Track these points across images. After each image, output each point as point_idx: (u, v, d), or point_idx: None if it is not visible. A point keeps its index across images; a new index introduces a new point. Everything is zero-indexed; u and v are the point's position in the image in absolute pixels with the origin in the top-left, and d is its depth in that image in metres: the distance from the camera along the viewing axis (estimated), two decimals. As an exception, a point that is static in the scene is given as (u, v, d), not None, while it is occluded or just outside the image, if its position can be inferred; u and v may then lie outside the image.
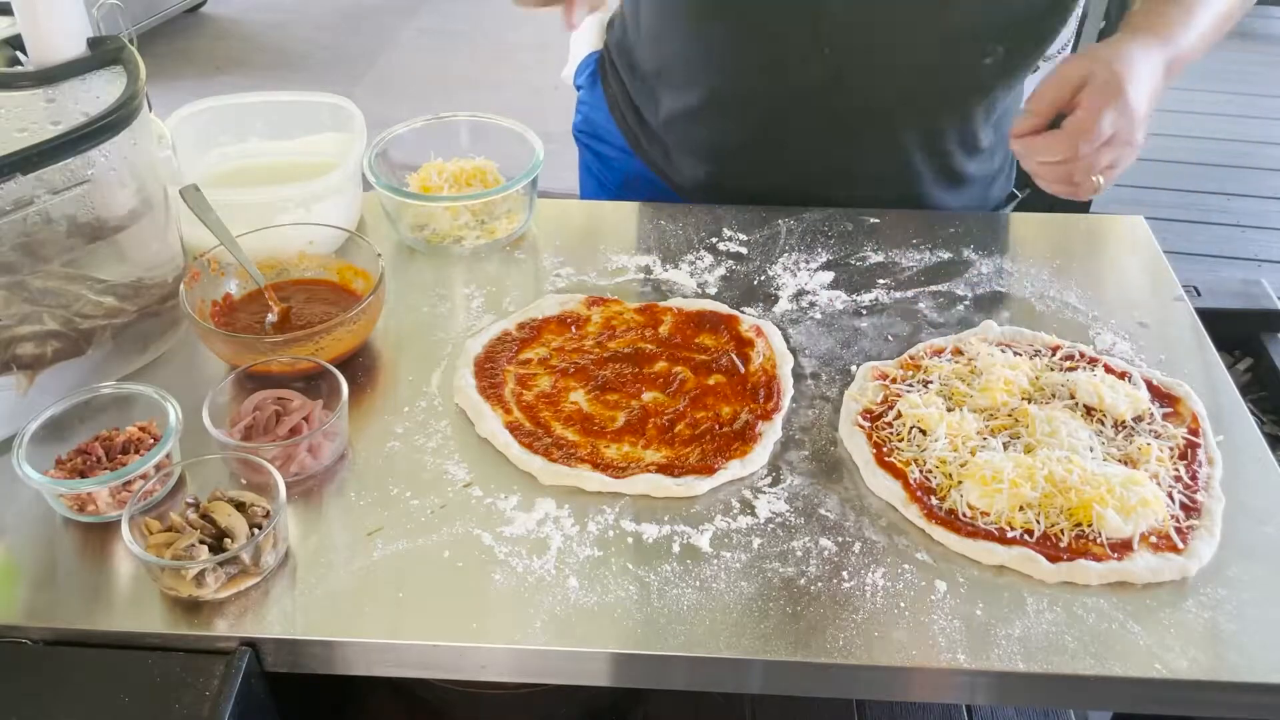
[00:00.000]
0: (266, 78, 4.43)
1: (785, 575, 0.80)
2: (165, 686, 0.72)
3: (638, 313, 1.07)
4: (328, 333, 0.94)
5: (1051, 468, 0.85)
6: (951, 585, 0.79)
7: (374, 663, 0.77)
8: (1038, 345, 1.02)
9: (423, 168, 1.24)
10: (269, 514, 0.80)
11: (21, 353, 0.90)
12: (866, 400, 0.95)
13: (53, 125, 0.89)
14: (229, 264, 1.02)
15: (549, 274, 1.14)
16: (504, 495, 0.87)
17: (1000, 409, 0.93)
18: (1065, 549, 0.81)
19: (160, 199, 0.99)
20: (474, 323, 1.06)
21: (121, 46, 0.93)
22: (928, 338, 1.04)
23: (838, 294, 1.11)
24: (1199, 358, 1.02)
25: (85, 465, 0.84)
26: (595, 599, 0.78)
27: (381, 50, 4.75)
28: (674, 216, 1.23)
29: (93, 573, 0.80)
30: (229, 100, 1.21)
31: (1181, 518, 0.84)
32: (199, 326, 0.95)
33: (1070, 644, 0.75)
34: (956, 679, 0.75)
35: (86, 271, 0.93)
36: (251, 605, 0.77)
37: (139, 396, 0.89)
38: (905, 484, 0.86)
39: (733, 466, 0.88)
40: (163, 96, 1.14)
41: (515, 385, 0.98)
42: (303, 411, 0.89)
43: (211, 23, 5.03)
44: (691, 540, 0.83)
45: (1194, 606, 0.78)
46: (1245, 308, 1.18)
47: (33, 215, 0.87)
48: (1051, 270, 1.14)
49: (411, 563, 0.81)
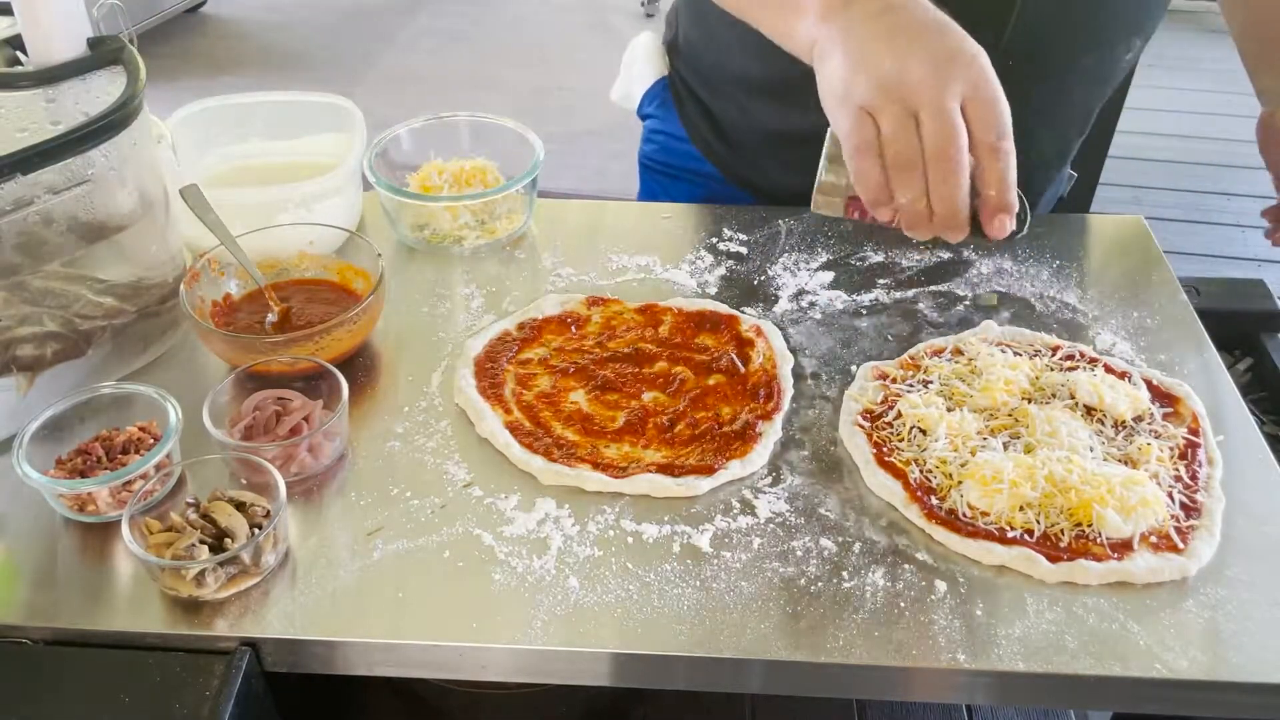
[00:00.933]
0: (266, 78, 4.44)
1: (785, 575, 0.80)
2: (165, 686, 0.72)
3: (638, 313, 1.07)
4: (328, 333, 0.94)
5: (1051, 468, 0.85)
6: (951, 585, 0.79)
7: (374, 663, 0.77)
8: (1038, 345, 1.02)
9: (423, 168, 1.24)
10: (269, 514, 0.80)
11: (21, 353, 0.90)
12: (866, 400, 0.95)
13: (53, 125, 0.89)
14: (229, 264, 1.02)
15: (549, 274, 1.14)
16: (504, 495, 0.87)
17: (1000, 409, 0.93)
18: (1065, 549, 0.81)
19: (160, 199, 0.99)
20: (474, 323, 1.06)
21: (121, 46, 0.93)
22: (928, 338, 1.04)
23: (838, 294, 1.11)
24: (1199, 358, 1.02)
25: (85, 465, 0.84)
26: (595, 599, 0.78)
27: (381, 50, 4.75)
28: (674, 216, 1.23)
29: (93, 573, 0.80)
30: (229, 100, 1.21)
31: (1181, 518, 0.84)
32: (199, 326, 0.95)
33: (1070, 644, 0.75)
34: (956, 679, 0.75)
35: (86, 272, 0.93)
36: (251, 605, 0.77)
37: (139, 396, 0.89)
38: (905, 484, 0.86)
39: (733, 466, 0.88)
40: (163, 96, 1.14)
41: (515, 385, 0.98)
42: (303, 411, 0.89)
43: (211, 23, 5.03)
44: (692, 540, 0.83)
45: (1194, 606, 0.78)
46: (1245, 308, 1.18)
47: (33, 215, 0.87)
48: (1051, 270, 1.14)
49: (411, 563, 0.81)
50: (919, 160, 0.76)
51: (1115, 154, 2.90)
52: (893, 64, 0.76)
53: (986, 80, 0.76)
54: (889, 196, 0.78)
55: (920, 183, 0.76)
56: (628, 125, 1.44)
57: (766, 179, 1.29)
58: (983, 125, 0.76)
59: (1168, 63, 4.37)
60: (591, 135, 3.82)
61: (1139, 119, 3.69)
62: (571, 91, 4.25)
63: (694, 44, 1.28)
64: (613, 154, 3.61)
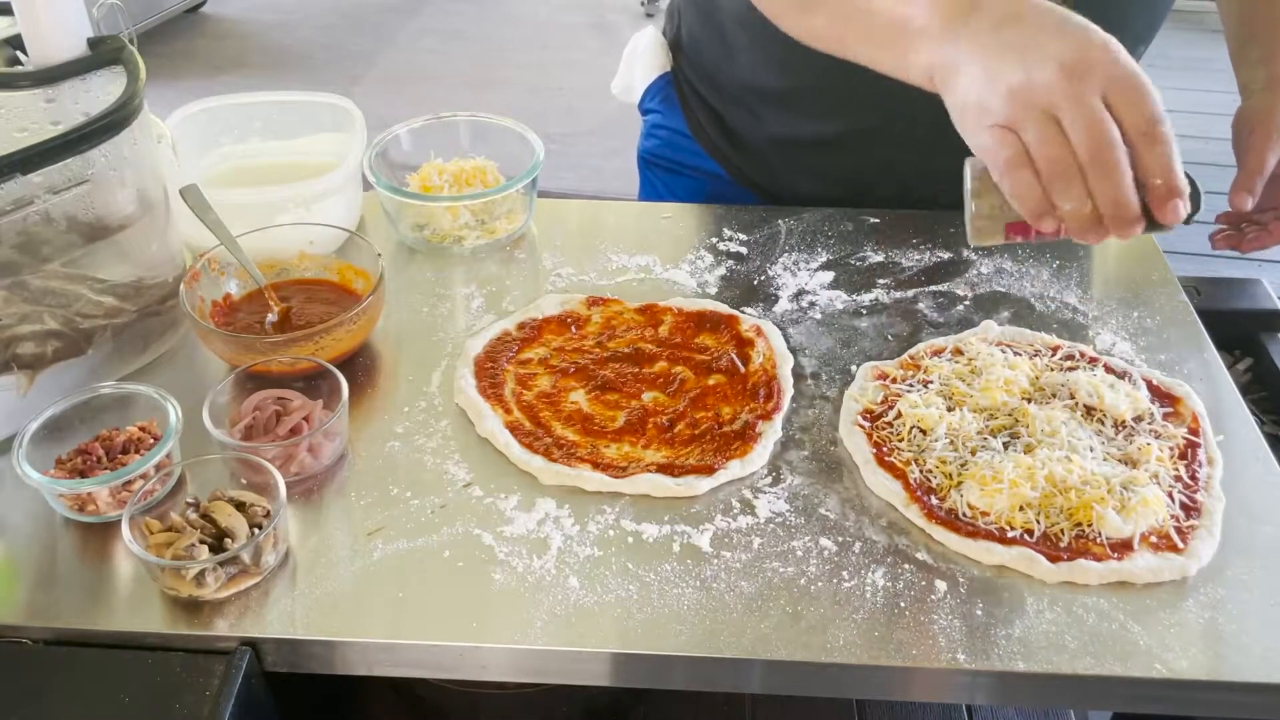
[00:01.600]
0: (266, 78, 4.44)
1: (785, 575, 0.80)
2: (165, 686, 0.72)
3: (638, 313, 1.07)
4: (328, 333, 0.94)
5: (1051, 468, 0.85)
6: (951, 585, 0.79)
7: (374, 663, 0.77)
8: (1038, 345, 1.02)
9: (423, 168, 1.24)
10: (269, 514, 0.80)
11: (22, 353, 0.90)
12: (866, 400, 0.95)
13: (53, 125, 0.89)
14: (229, 264, 1.02)
15: (549, 274, 1.14)
16: (504, 495, 0.87)
17: (1000, 409, 0.93)
18: (1065, 549, 0.81)
19: (160, 199, 0.99)
20: (474, 323, 1.06)
21: (121, 46, 0.93)
22: (928, 338, 1.04)
23: (838, 294, 1.11)
24: (1199, 358, 1.02)
25: (85, 465, 0.84)
26: (595, 599, 0.78)
27: (381, 50, 4.75)
28: (674, 216, 1.23)
29: (93, 573, 0.80)
30: (229, 100, 1.21)
31: (1182, 517, 0.84)
32: (199, 326, 0.95)
33: (1070, 644, 0.75)
34: (956, 679, 0.75)
35: (86, 271, 0.93)
36: (251, 605, 0.77)
37: (139, 396, 0.89)
38: (905, 484, 0.86)
39: (733, 466, 0.88)
40: (163, 96, 1.14)
41: (515, 385, 0.98)
42: (303, 411, 0.89)
43: (211, 23, 5.03)
44: (692, 540, 0.83)
45: (1194, 606, 0.78)
46: (1245, 308, 1.18)
47: (33, 215, 0.87)
48: (1051, 270, 1.14)
49: (411, 563, 0.81)
50: (1074, 164, 0.73)
51: (1115, 154, 2.89)
52: (1021, 74, 0.74)
53: (1123, 67, 0.73)
54: (1051, 206, 0.75)
55: (1081, 187, 0.74)
56: (628, 125, 1.44)
57: (773, 180, 1.28)
58: (1131, 112, 0.73)
59: (1168, 63, 4.37)
60: (591, 135, 3.82)
61: (1139, 119, 3.68)
62: (571, 91, 4.25)
63: (699, 43, 1.27)
64: (612, 153, 3.61)
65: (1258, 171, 1.04)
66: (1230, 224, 1.14)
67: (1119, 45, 0.74)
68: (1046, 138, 0.73)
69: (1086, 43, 0.74)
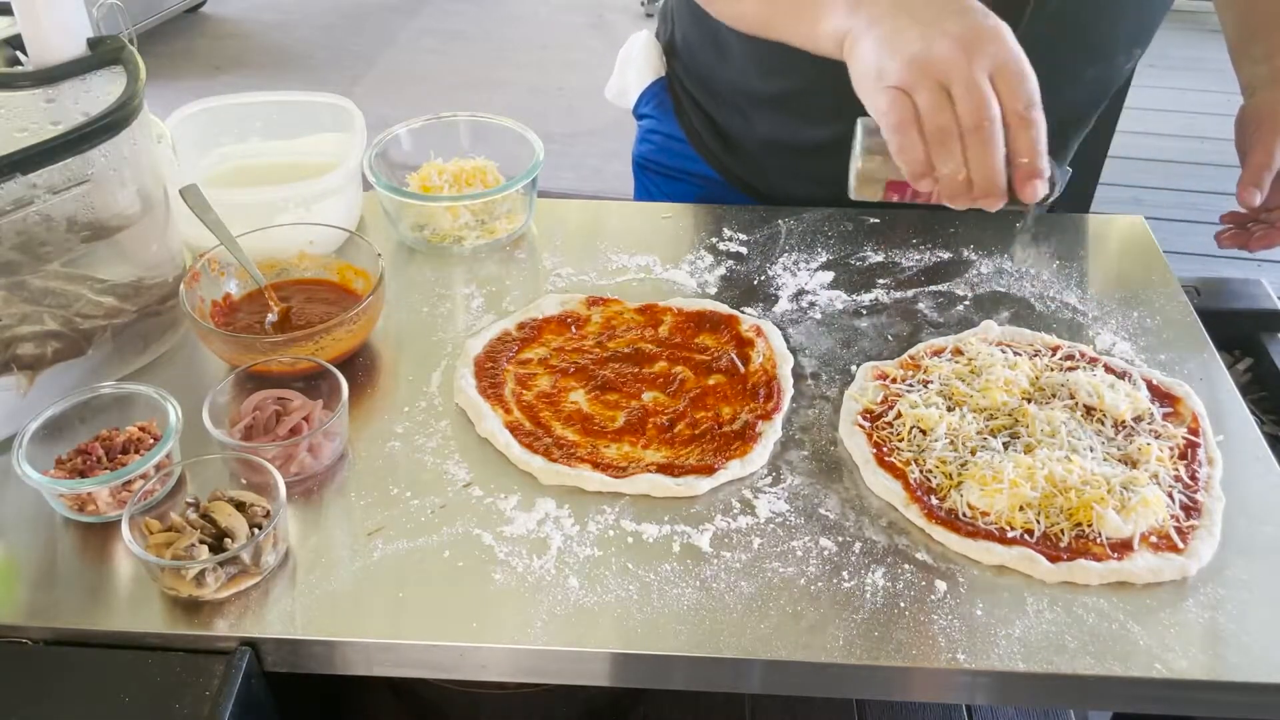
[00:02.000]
0: (266, 78, 4.44)
1: (785, 575, 0.80)
2: (165, 686, 0.72)
3: (638, 312, 1.07)
4: (328, 333, 0.94)
5: (1051, 468, 0.85)
6: (951, 585, 0.79)
7: (374, 663, 0.77)
8: (1038, 345, 1.02)
9: (423, 168, 1.24)
10: (269, 514, 0.80)
11: (22, 353, 0.90)
12: (866, 400, 0.95)
13: (53, 125, 0.89)
14: (229, 264, 1.02)
15: (549, 274, 1.14)
16: (504, 495, 0.87)
17: (1000, 409, 0.93)
18: (1065, 549, 0.81)
19: (160, 199, 0.99)
20: (474, 323, 1.06)
21: (121, 46, 0.93)
22: (928, 338, 1.04)
23: (838, 294, 1.11)
24: (1199, 358, 1.02)
25: (85, 465, 0.84)
26: (595, 599, 0.78)
27: (381, 50, 4.75)
28: (674, 216, 1.23)
29: (93, 573, 0.80)
30: (229, 100, 1.21)
31: (1182, 517, 0.84)
32: (199, 326, 0.95)
33: (1070, 644, 0.75)
34: (956, 679, 0.75)
35: (86, 271, 0.93)
36: (251, 605, 0.77)
37: (139, 396, 0.89)
38: (905, 484, 0.86)
39: (733, 466, 0.88)
40: (163, 96, 1.14)
41: (515, 385, 0.98)
42: (303, 411, 0.89)
43: (211, 23, 5.03)
44: (691, 540, 0.83)
45: (1194, 606, 0.78)
46: (1245, 308, 1.18)
47: (33, 215, 0.87)
48: (1051, 270, 1.14)
49: (411, 563, 0.81)
50: (956, 132, 0.79)
51: (1115, 154, 2.90)
52: (921, 45, 0.80)
53: (1011, 53, 0.79)
54: (930, 169, 0.82)
55: (959, 154, 0.80)
56: (628, 125, 1.44)
57: (767, 183, 1.28)
58: (1012, 95, 0.79)
59: (1168, 63, 4.37)
60: (591, 135, 3.82)
61: (1139, 119, 3.69)
62: (571, 91, 4.25)
63: (693, 45, 1.27)
64: (612, 153, 3.61)
65: (1265, 166, 1.04)
66: (1236, 223, 1.14)
67: (1010, 32, 0.81)
68: (937, 105, 0.79)
69: (982, 26, 0.80)
